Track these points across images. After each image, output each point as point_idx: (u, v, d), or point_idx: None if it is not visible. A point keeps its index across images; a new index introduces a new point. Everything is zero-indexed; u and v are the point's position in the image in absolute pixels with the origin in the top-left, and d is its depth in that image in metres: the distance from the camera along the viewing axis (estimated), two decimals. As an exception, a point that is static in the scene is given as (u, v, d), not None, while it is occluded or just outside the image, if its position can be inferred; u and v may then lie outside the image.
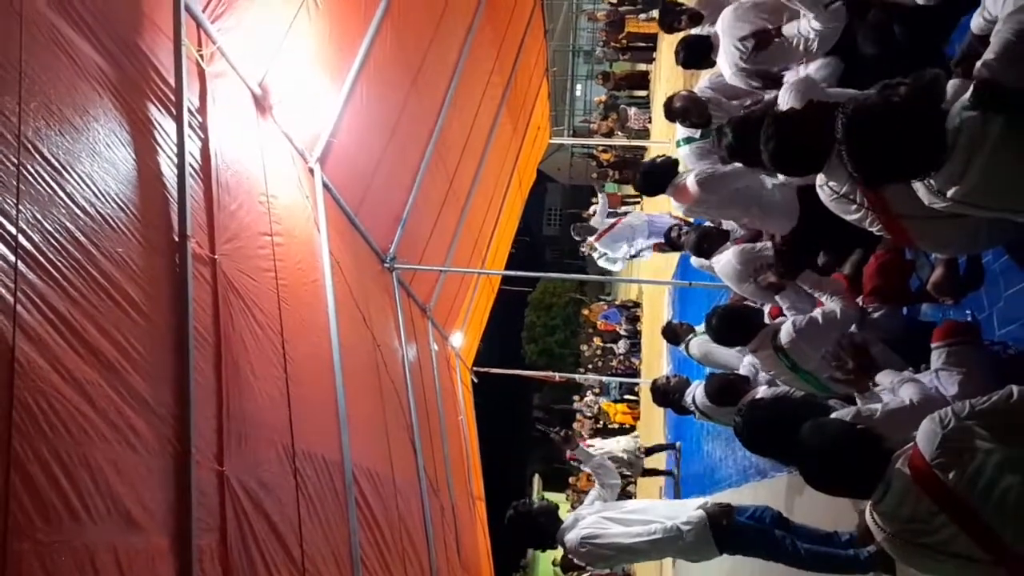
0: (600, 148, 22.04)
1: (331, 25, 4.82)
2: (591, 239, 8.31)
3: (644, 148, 18.98)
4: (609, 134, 20.49)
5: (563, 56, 24.70)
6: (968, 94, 1.84)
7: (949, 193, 1.95)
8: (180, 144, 3.22)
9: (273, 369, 3.67)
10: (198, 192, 3.34)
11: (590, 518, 3.91)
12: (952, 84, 2.07)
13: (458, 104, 7.60)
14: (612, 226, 8.02)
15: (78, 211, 2.52)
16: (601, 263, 8.39)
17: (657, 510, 3.89)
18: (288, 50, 4.37)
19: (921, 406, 2.49)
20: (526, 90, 11.36)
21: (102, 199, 2.67)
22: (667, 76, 15.30)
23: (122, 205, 2.77)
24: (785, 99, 3.60)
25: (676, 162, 4.59)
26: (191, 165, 3.29)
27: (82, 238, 2.50)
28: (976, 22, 2.14)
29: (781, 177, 3.78)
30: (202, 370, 3.00)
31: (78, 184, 2.55)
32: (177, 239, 3.09)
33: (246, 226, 3.78)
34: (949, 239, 2.57)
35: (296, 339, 4.04)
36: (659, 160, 4.76)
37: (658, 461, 11.49)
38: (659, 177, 4.62)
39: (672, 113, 4.93)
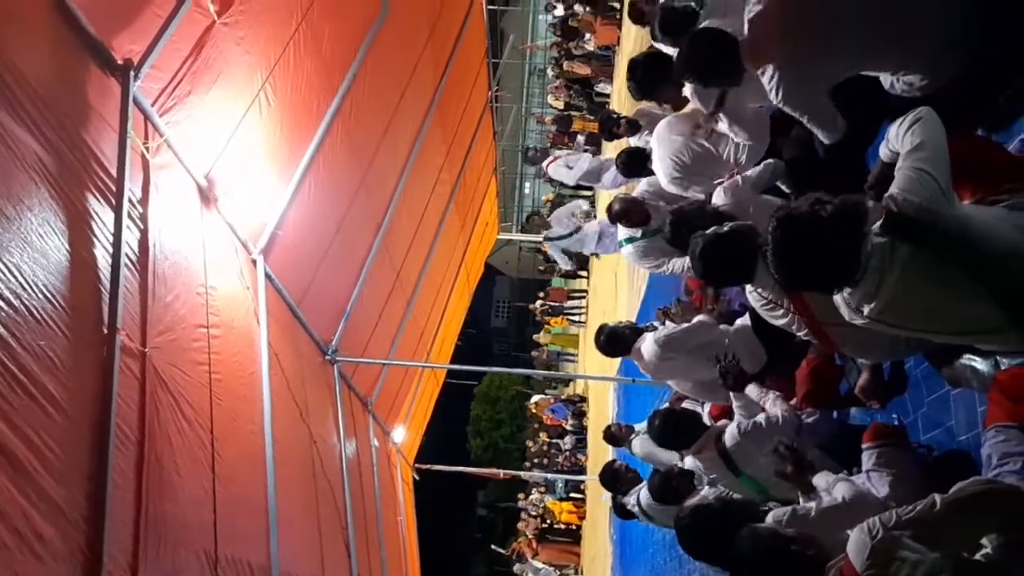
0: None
1: (282, 120, 4.92)
2: (544, 164, 8.24)
3: (590, 245, 19.44)
4: (557, 231, 20.96)
5: (512, 155, 25.57)
6: (879, 221, 2.00)
7: (865, 311, 2.07)
8: (117, 235, 3.17)
9: (200, 468, 3.51)
10: (133, 283, 3.27)
11: None
12: (869, 204, 2.23)
13: (407, 199, 7.74)
14: (565, 154, 7.99)
15: (1, 303, 2.43)
16: (558, 176, 8.26)
17: None
18: (237, 143, 4.42)
19: (854, 503, 2.55)
20: (475, 187, 11.67)
21: (29, 290, 2.59)
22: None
23: (49, 296, 2.68)
24: (719, 199, 3.81)
25: (638, 330, 4.60)
26: (127, 256, 3.23)
27: (2, 331, 2.40)
28: (883, 151, 2.34)
29: (736, 324, 4.03)
30: (122, 470, 2.85)
31: (3, 275, 2.48)
32: (106, 331, 3.00)
33: (181, 318, 3.70)
34: (871, 346, 2.69)
35: (227, 435, 3.89)
36: (623, 324, 4.77)
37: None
38: (621, 344, 4.57)
39: (613, 215, 5.14)
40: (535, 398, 23.70)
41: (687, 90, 3.80)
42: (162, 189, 3.71)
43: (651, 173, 4.85)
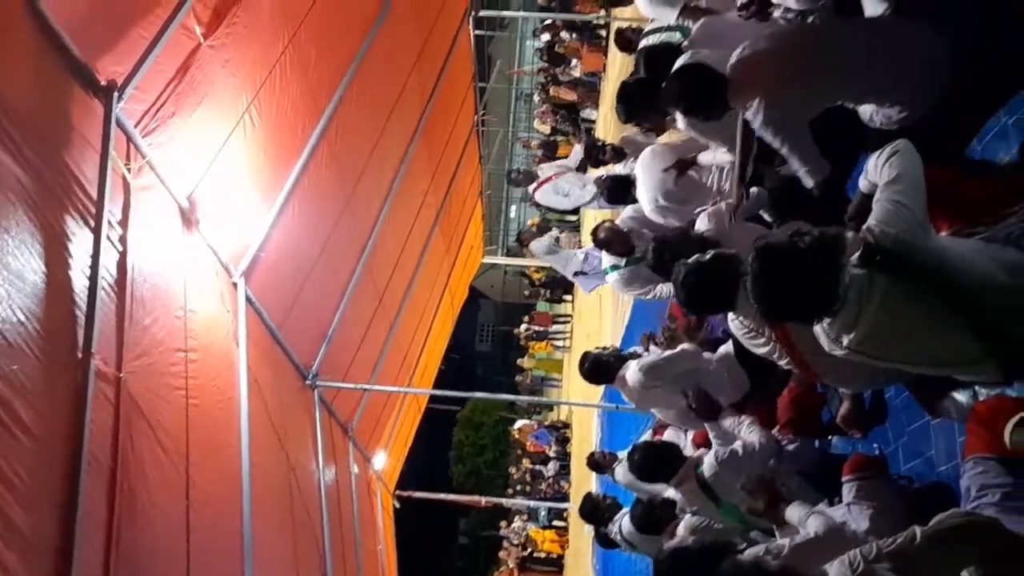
0: (532, 268, 22.58)
1: (267, 142, 4.90)
2: (531, 188, 7.90)
3: (574, 270, 19.50)
4: (541, 255, 21.00)
5: (498, 179, 25.78)
6: (858, 253, 2.02)
7: (844, 342, 2.08)
8: (95, 257, 3.13)
9: (174, 496, 3.44)
10: (110, 306, 3.22)
11: None
12: (848, 236, 2.25)
13: (392, 222, 7.73)
14: (557, 175, 7.66)
15: (-28, 325, 2.39)
16: (548, 203, 7.83)
17: None
18: (221, 165, 4.40)
19: (827, 537, 2.55)
20: (460, 211, 11.69)
21: (2, 313, 2.54)
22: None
23: (23, 319, 2.63)
24: (703, 224, 3.84)
25: (622, 357, 4.60)
26: (104, 279, 3.19)
27: (-27, 354, 2.36)
28: (862, 183, 2.37)
29: (719, 352, 4.03)
30: (93, 498, 2.78)
31: (-24, 297, 2.43)
32: (81, 356, 2.94)
33: (159, 341, 3.64)
34: (852, 375, 2.71)
35: (203, 462, 3.82)
36: (607, 351, 4.78)
37: None
38: (605, 372, 4.60)
39: (598, 242, 5.18)
40: (518, 424, 23.59)
41: (680, 122, 3.84)
42: (143, 211, 3.68)
43: (635, 200, 4.89)
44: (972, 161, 2.64)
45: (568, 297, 22.87)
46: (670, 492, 4.42)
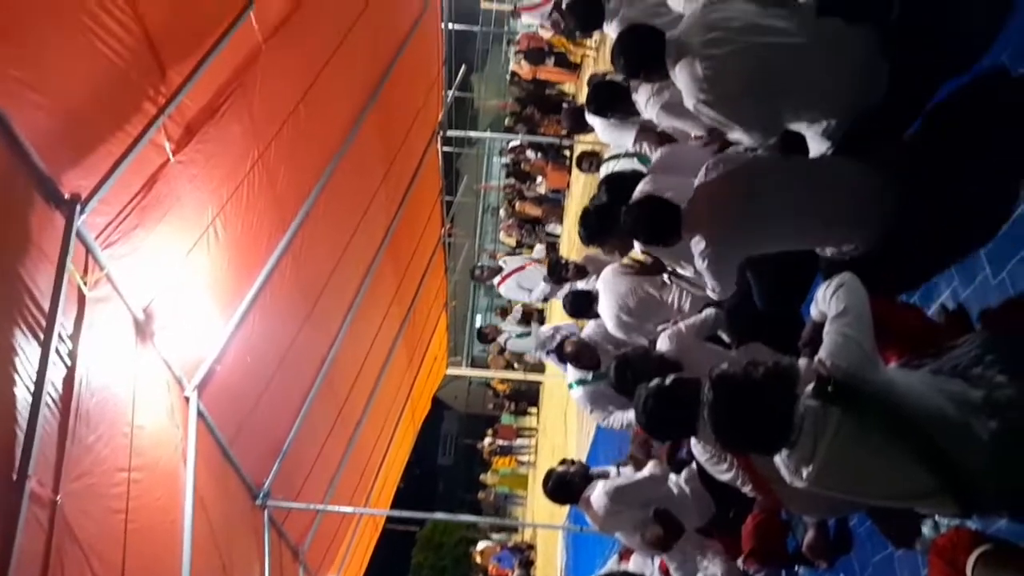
0: (497, 380, 22.42)
1: (230, 255, 4.89)
2: (496, 281, 7.81)
3: (539, 381, 19.50)
4: (507, 366, 20.94)
5: (464, 288, 25.88)
6: (811, 385, 2.06)
7: (803, 474, 2.08)
8: (41, 373, 3.01)
9: (103, 632, 3.17)
10: (52, 424, 3.08)
11: None
12: (802, 364, 2.29)
13: (354, 335, 7.66)
14: (520, 268, 7.58)
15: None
16: (512, 296, 7.73)
17: None
18: (181, 278, 4.36)
19: None
20: (425, 323, 11.68)
21: (-68, 432, 2.41)
22: (559, 316, 16.18)
23: (-45, 440, 2.50)
24: (663, 345, 3.87)
25: (588, 476, 4.50)
26: (49, 394, 3.06)
27: None
28: (813, 312, 2.44)
29: (683, 475, 4.00)
30: (11, 639, 2.55)
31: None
32: (16, 477, 2.78)
33: (101, 460, 3.47)
34: (813, 504, 2.68)
35: (139, 592, 3.56)
36: (572, 470, 4.71)
37: None
38: (569, 492, 4.48)
39: (564, 357, 5.19)
40: (480, 545, 22.64)
41: (638, 248, 3.96)
42: (96, 323, 3.59)
43: (596, 315, 4.95)
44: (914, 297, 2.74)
45: (533, 410, 22.64)
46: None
